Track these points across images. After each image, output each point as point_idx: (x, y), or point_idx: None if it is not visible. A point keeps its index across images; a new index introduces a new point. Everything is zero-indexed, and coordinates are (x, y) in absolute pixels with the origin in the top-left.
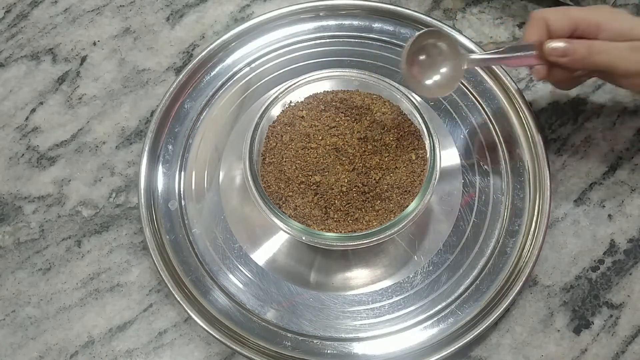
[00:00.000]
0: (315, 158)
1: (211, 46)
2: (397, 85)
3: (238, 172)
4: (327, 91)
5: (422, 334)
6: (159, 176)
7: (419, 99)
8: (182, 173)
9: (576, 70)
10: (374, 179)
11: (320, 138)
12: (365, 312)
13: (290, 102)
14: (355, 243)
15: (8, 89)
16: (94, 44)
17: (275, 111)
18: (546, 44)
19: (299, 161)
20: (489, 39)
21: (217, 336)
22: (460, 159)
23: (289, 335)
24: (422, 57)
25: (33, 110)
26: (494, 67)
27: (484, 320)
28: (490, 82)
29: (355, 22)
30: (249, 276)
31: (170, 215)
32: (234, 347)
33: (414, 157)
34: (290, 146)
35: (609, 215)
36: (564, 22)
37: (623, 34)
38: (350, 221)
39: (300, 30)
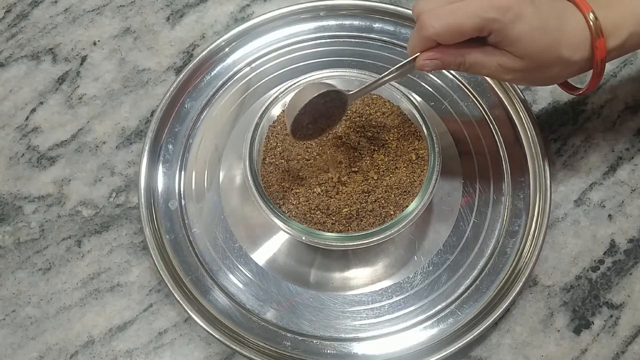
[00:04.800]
0: (315, 158)
1: (211, 46)
2: (397, 85)
3: (238, 172)
4: None
5: (422, 334)
6: (159, 176)
7: (419, 99)
8: (182, 173)
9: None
10: (374, 179)
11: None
12: (365, 312)
13: None
14: (355, 243)
15: (8, 89)
16: (94, 44)
17: (275, 111)
18: (417, 61)
19: (299, 161)
20: None
21: (217, 336)
22: (460, 159)
23: (289, 335)
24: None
25: (33, 110)
26: None
27: (484, 320)
28: (490, 82)
29: (356, 22)
30: (249, 276)
31: (170, 215)
32: (234, 347)
33: (414, 157)
34: (290, 146)
35: (609, 215)
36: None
37: None
38: (350, 221)
39: (300, 30)
